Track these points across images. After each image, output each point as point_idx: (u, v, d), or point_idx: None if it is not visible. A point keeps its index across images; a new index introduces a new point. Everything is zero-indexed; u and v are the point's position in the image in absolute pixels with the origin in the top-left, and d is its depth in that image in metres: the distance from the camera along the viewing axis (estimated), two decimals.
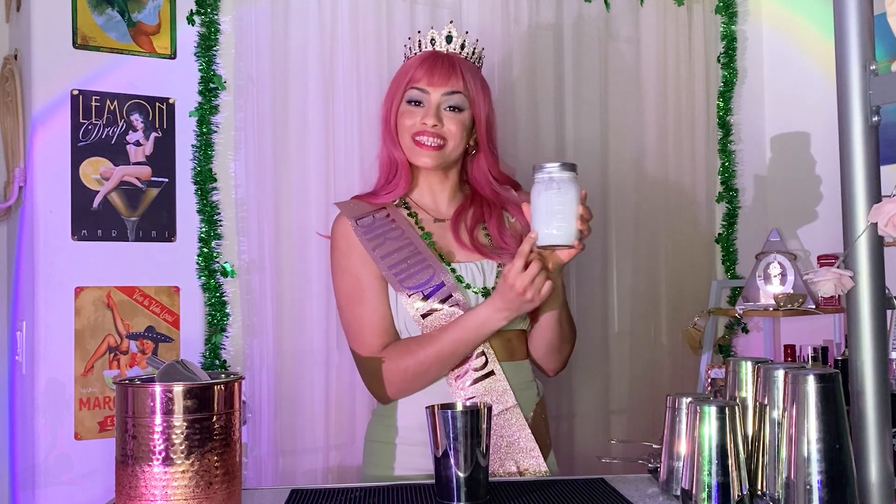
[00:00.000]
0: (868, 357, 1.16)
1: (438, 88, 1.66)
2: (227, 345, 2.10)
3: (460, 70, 1.69)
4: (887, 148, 1.39)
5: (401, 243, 1.67)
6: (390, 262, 1.64)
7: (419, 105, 1.67)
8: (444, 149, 1.67)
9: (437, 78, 1.66)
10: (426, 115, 1.66)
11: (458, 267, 1.67)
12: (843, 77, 1.18)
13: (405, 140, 1.69)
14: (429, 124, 1.65)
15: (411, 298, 1.62)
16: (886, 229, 1.11)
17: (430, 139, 1.66)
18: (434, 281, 1.63)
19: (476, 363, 1.62)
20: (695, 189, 2.66)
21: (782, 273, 2.44)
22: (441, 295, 1.62)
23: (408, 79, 1.68)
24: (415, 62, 1.70)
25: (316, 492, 1.38)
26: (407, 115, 1.68)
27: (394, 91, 1.71)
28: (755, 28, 2.79)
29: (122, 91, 2.03)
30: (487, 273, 1.67)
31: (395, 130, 1.71)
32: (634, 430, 2.47)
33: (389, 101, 1.72)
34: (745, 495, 1.14)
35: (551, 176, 1.44)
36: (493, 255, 1.69)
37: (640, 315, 2.56)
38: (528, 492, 1.36)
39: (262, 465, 2.08)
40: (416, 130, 1.66)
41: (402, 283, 1.62)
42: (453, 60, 1.70)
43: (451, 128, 1.67)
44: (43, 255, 1.94)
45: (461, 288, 1.64)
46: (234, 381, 1.21)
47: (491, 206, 1.75)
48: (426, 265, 1.64)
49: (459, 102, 1.68)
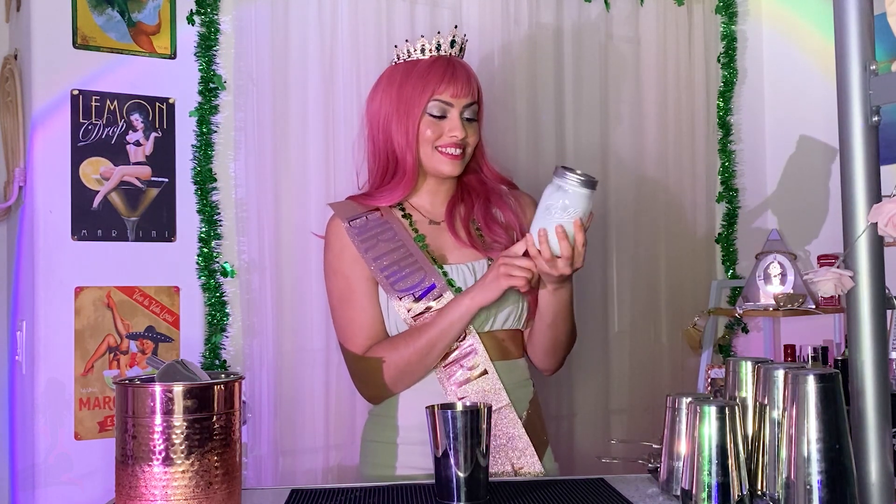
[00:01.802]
0: (868, 357, 1.16)
1: (462, 100, 1.67)
2: (227, 345, 2.10)
3: (473, 78, 1.71)
4: (887, 148, 1.39)
5: (393, 245, 1.67)
6: (382, 264, 1.65)
7: (442, 118, 1.68)
8: (464, 157, 1.70)
9: (460, 89, 1.67)
10: (454, 129, 1.66)
11: (449, 269, 1.67)
12: (843, 77, 1.18)
13: (426, 149, 1.68)
14: (459, 137, 1.66)
15: (402, 301, 1.63)
16: (886, 229, 1.11)
17: (455, 149, 1.67)
18: (425, 283, 1.63)
19: (468, 363, 1.62)
20: (695, 189, 2.66)
21: (782, 273, 2.44)
22: (432, 297, 1.63)
23: (431, 91, 1.66)
24: (434, 71, 1.67)
25: (316, 492, 1.38)
26: (430, 127, 1.67)
27: (413, 100, 1.67)
28: (755, 28, 2.79)
29: (122, 91, 2.03)
30: (479, 273, 1.67)
31: (416, 139, 1.69)
32: (634, 430, 2.47)
33: (407, 110, 1.68)
34: (745, 495, 1.14)
35: (564, 186, 1.45)
36: (485, 251, 1.69)
37: (640, 315, 2.56)
38: (527, 492, 1.36)
39: (262, 465, 2.08)
40: (444, 143, 1.67)
41: (393, 286, 1.63)
42: (466, 69, 1.71)
43: (471, 139, 1.70)
44: (43, 255, 1.94)
45: (452, 291, 1.64)
46: (234, 381, 1.21)
47: (477, 195, 1.76)
48: (417, 267, 1.65)
49: (475, 112, 1.71)
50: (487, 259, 1.68)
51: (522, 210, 1.76)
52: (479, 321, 1.62)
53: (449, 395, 1.61)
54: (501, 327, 1.66)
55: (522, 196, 1.80)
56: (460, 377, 1.62)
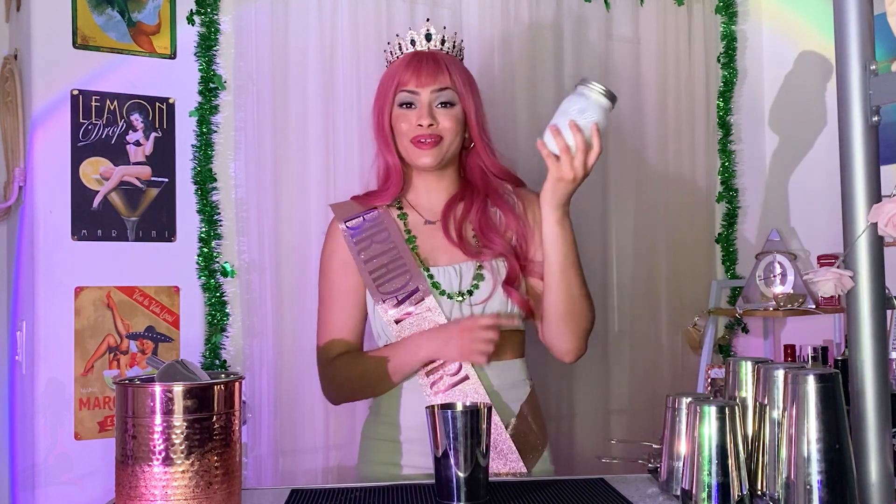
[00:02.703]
0: (868, 357, 1.16)
1: (427, 87, 1.66)
2: (227, 345, 2.10)
3: (445, 66, 1.69)
4: (887, 148, 1.39)
5: (385, 247, 1.68)
6: (371, 266, 1.67)
7: (411, 107, 1.67)
8: (441, 145, 1.67)
9: (424, 77, 1.66)
10: (420, 116, 1.66)
11: (436, 272, 1.66)
12: (843, 77, 1.18)
13: (403, 143, 1.69)
14: (424, 125, 1.65)
15: (385, 304, 1.64)
16: (886, 229, 1.11)
17: (425, 139, 1.66)
18: (409, 287, 1.64)
19: (450, 369, 1.62)
20: (695, 189, 2.66)
21: (782, 273, 2.44)
22: (413, 301, 1.63)
23: (395, 83, 1.68)
24: (399, 65, 1.70)
25: (316, 492, 1.38)
26: (402, 119, 1.68)
27: (383, 97, 1.70)
28: (755, 28, 2.79)
29: (122, 91, 2.03)
30: (465, 275, 1.66)
31: (391, 135, 1.71)
32: (634, 430, 2.47)
33: (380, 107, 1.71)
34: (745, 495, 1.14)
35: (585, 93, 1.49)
36: (475, 255, 1.68)
37: (640, 315, 2.55)
38: (528, 492, 1.36)
39: (262, 465, 2.08)
40: (414, 134, 1.66)
41: (379, 289, 1.65)
42: (437, 57, 1.69)
43: (446, 124, 1.67)
44: (43, 255, 1.94)
45: (436, 294, 1.64)
46: (234, 381, 1.21)
47: (477, 194, 1.74)
48: (404, 270, 1.66)
49: (450, 98, 1.68)
50: (474, 262, 1.67)
51: (525, 209, 1.74)
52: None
53: (432, 401, 1.61)
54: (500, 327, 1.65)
55: (528, 195, 1.77)
56: (443, 384, 1.62)
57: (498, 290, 1.64)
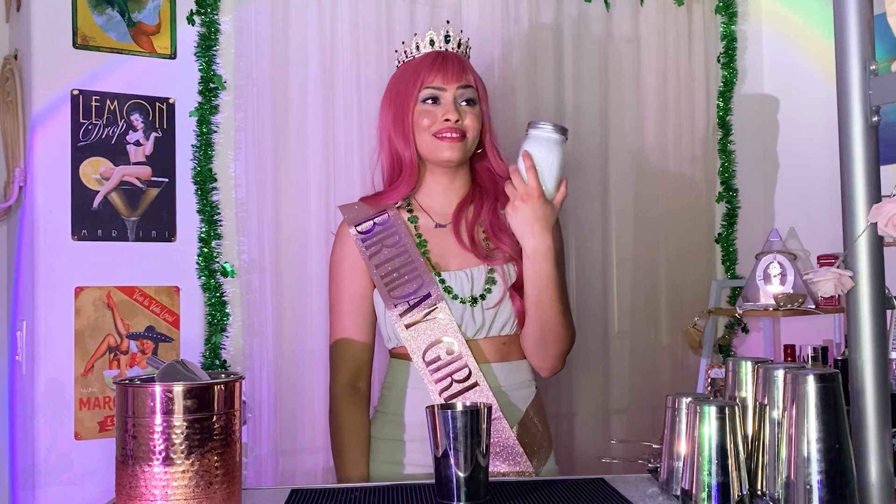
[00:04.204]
0: (868, 357, 1.16)
1: (453, 84, 1.68)
2: (227, 345, 2.10)
3: (467, 67, 1.72)
4: (887, 148, 1.39)
5: (397, 251, 1.68)
6: (383, 271, 1.67)
7: (436, 103, 1.68)
8: (465, 140, 1.68)
9: (450, 74, 1.68)
10: (447, 112, 1.66)
11: (448, 276, 1.66)
12: (843, 77, 1.18)
13: (424, 138, 1.69)
14: (452, 119, 1.66)
15: (397, 308, 1.64)
16: (886, 229, 1.11)
17: (452, 133, 1.67)
18: (421, 292, 1.64)
19: (459, 375, 1.62)
20: (695, 189, 2.66)
21: (782, 273, 2.44)
22: (426, 306, 1.63)
23: (420, 79, 1.68)
24: (424, 63, 1.70)
25: (316, 492, 1.38)
26: (424, 115, 1.68)
27: (406, 92, 1.70)
28: (755, 28, 2.79)
29: (122, 91, 2.03)
30: (476, 280, 1.66)
31: (412, 131, 1.70)
32: (634, 430, 2.47)
33: (402, 103, 1.70)
34: (745, 495, 1.14)
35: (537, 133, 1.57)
36: (487, 259, 1.68)
37: (640, 315, 2.55)
38: (528, 492, 1.36)
39: (262, 465, 2.08)
40: (439, 129, 1.67)
41: (391, 294, 1.65)
42: (459, 59, 1.72)
43: (470, 121, 1.69)
44: (43, 255, 1.94)
45: (448, 299, 1.64)
46: (234, 381, 1.21)
47: (487, 195, 1.75)
48: (416, 275, 1.66)
49: (472, 96, 1.70)
50: (486, 266, 1.68)
51: None
52: (472, 329, 1.64)
53: (436, 399, 1.62)
54: (498, 334, 1.66)
55: None
56: (451, 391, 1.62)
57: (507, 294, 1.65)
